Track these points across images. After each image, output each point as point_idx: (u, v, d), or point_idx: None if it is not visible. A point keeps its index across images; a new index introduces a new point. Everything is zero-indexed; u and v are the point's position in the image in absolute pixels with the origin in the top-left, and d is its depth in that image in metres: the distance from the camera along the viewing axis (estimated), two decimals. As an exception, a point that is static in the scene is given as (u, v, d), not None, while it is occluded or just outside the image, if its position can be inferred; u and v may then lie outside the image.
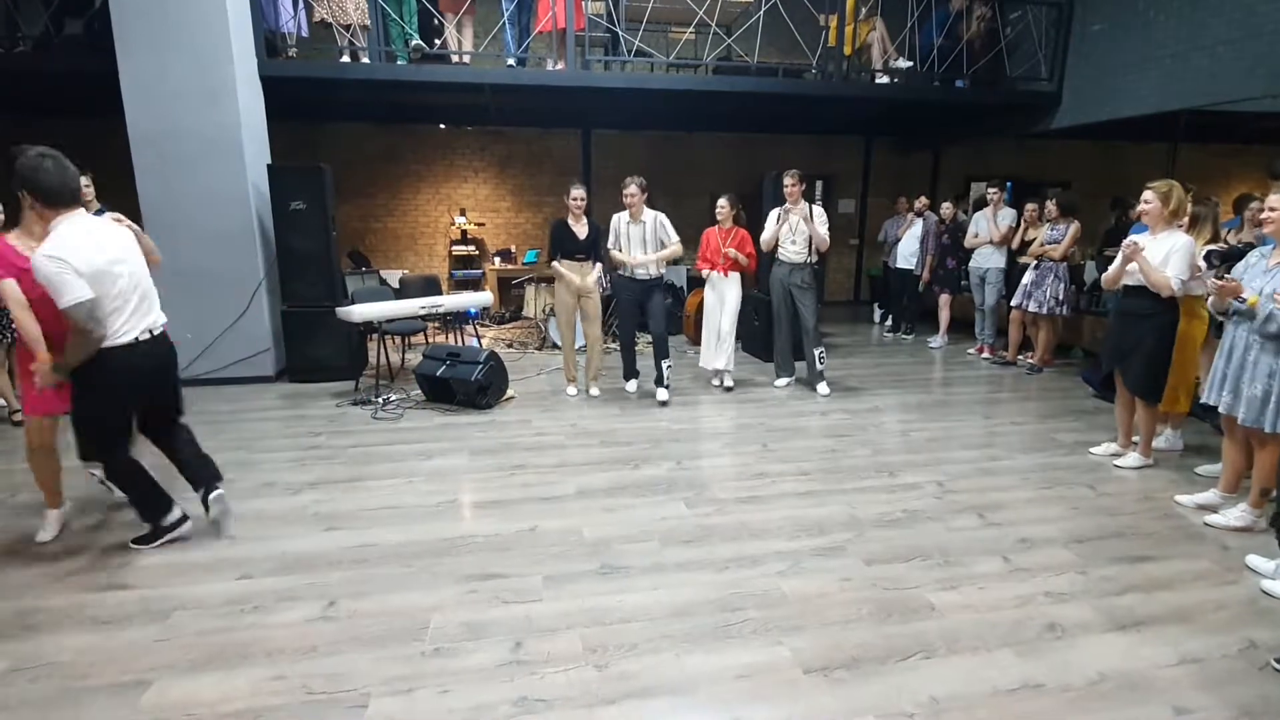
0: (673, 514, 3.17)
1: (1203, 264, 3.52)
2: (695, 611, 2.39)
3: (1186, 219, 3.57)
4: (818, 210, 5.13)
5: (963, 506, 3.27)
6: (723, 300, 5.17)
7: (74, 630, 2.29)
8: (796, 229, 5.11)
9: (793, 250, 5.16)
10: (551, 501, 3.32)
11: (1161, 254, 3.38)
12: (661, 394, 4.94)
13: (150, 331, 2.69)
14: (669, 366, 4.96)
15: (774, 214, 5.23)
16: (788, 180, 5.04)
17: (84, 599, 2.48)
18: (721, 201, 5.12)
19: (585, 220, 4.90)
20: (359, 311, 4.93)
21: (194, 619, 2.37)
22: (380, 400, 4.91)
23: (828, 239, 5.17)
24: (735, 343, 5.30)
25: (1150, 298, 3.45)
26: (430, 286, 7.40)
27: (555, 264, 4.92)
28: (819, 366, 5.28)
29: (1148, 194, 3.49)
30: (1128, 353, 3.61)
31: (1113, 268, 3.61)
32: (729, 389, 5.32)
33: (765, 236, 5.22)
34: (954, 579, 2.61)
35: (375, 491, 3.44)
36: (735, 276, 5.17)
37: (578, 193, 4.84)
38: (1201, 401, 3.21)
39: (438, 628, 2.30)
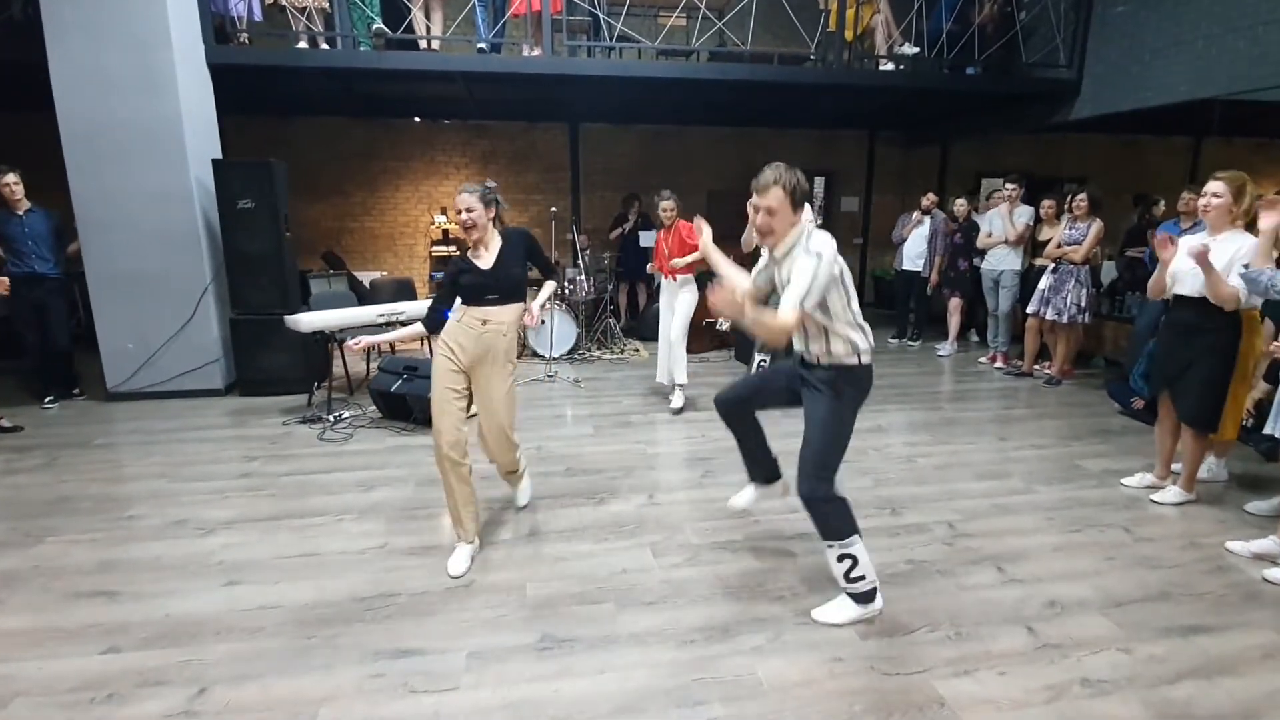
0: (635, 565, 2.71)
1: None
2: (646, 707, 1.93)
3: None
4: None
5: (978, 556, 2.79)
6: (672, 307, 4.72)
7: (-124, 729, 1.86)
8: None
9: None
10: (497, 546, 2.86)
11: (1225, 259, 2.84)
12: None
13: None
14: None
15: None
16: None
17: (-89, 681, 2.04)
18: (666, 204, 4.61)
19: (494, 242, 2.71)
20: (307, 320, 4.48)
21: (32, 711, 1.92)
22: (331, 418, 4.46)
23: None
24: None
25: (1208, 310, 2.93)
26: (403, 290, 6.98)
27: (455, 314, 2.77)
28: None
29: (1216, 185, 2.94)
30: (1179, 375, 3.11)
31: (1159, 274, 3.10)
32: (678, 410, 4.69)
33: (745, 237, 4.76)
34: (968, 659, 2.14)
35: (298, 533, 2.98)
36: (687, 279, 4.71)
37: (464, 201, 2.61)
38: (1265, 432, 2.72)
39: (323, 729, 1.85)
